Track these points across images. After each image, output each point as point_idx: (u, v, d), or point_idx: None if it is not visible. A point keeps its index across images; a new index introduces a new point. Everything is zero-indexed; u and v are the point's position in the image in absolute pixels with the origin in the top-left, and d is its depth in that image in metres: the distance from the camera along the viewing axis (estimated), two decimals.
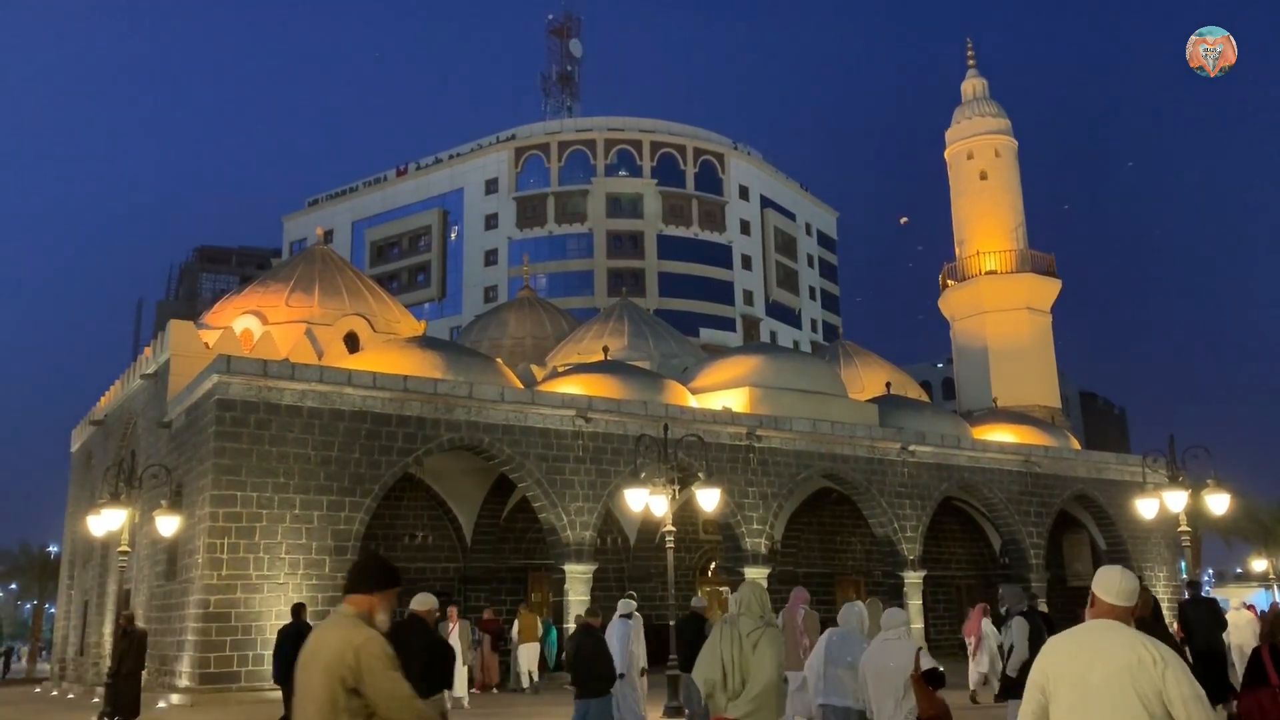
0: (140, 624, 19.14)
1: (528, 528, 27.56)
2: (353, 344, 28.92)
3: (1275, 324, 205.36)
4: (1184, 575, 30.80)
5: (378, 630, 4.22)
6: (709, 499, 19.11)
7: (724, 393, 29.01)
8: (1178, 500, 20.20)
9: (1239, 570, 57.75)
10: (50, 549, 53.04)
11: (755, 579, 25.86)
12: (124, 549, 19.19)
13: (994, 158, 46.83)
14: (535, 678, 22.78)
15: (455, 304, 67.13)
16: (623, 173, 66.96)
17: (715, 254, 67.31)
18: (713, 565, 30.52)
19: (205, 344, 25.18)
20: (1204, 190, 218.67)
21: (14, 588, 65.39)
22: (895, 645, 7.72)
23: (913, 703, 7.45)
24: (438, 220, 69.46)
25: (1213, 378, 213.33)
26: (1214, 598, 13.37)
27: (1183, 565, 32.83)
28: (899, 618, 7.98)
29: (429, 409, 22.32)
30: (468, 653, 20.03)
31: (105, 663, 18.96)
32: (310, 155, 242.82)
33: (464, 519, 28.12)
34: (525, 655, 22.92)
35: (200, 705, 18.58)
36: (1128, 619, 4.05)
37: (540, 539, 25.85)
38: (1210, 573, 57.63)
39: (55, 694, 28.24)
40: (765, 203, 71.84)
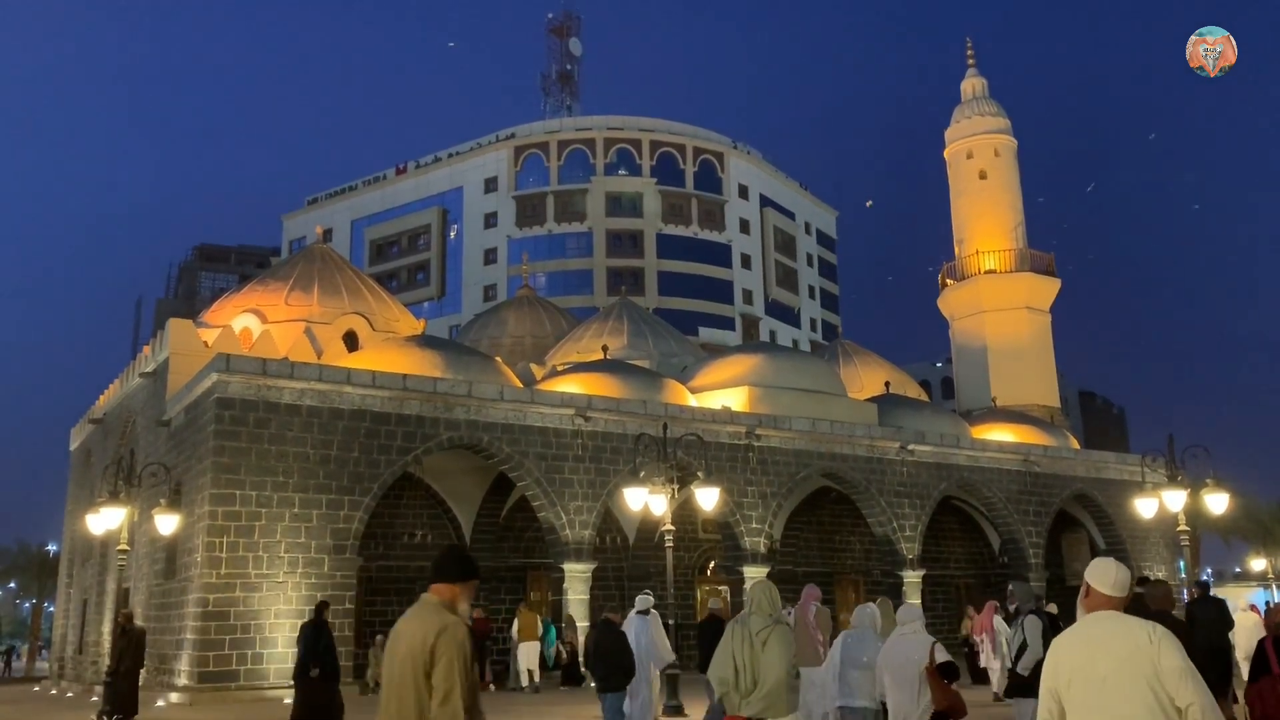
0: (139, 622, 19.18)
1: (527, 527, 27.56)
2: (352, 343, 28.91)
3: (1275, 324, 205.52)
4: (1183, 575, 30.80)
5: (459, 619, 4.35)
6: (708, 498, 19.13)
7: (723, 392, 29.01)
8: (1177, 500, 20.24)
9: (1238, 570, 57.77)
10: (49, 547, 53.04)
11: (759, 577, 25.88)
12: (123, 547, 19.22)
13: (993, 157, 46.82)
14: (535, 677, 22.76)
15: (454, 303, 67.08)
16: (622, 172, 66.91)
17: (715, 253, 67.27)
18: (711, 564, 30.51)
19: (204, 342, 25.18)
20: (1204, 190, 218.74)
21: (13, 586, 65.38)
22: (911, 640, 7.83)
23: (929, 696, 7.51)
24: (437, 219, 69.41)
25: (1212, 378, 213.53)
26: (1221, 598, 13.40)
27: (1181, 565, 32.82)
28: (914, 613, 8.09)
29: (428, 408, 22.32)
30: None
31: (104, 661, 18.97)
32: (310, 154, 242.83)
33: (463, 518, 28.12)
34: (525, 654, 22.89)
35: (199, 704, 18.59)
36: (1121, 609, 4.12)
37: (539, 538, 25.86)
38: (1209, 572, 57.59)
39: (54, 692, 28.22)
40: (765, 202, 71.78)
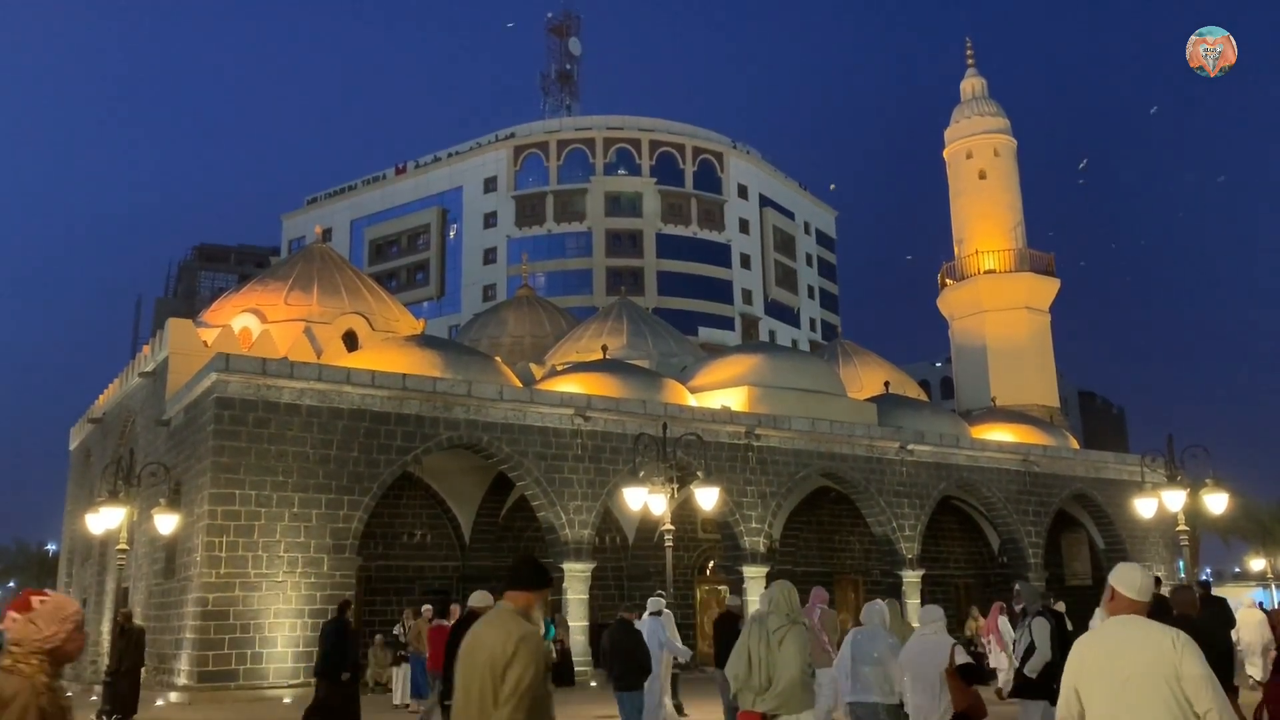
0: (138, 622, 19.18)
1: (526, 526, 27.57)
2: (351, 342, 28.92)
3: (1275, 324, 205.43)
4: (1182, 575, 30.82)
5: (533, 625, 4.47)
6: (707, 498, 19.14)
7: (723, 392, 29.01)
8: (1176, 499, 20.26)
9: (1237, 570, 57.81)
10: (49, 547, 53.11)
11: (759, 577, 25.89)
12: (122, 547, 19.21)
13: (993, 157, 46.82)
14: None
15: (454, 302, 67.07)
16: (622, 171, 66.89)
17: (714, 253, 67.25)
18: (711, 564, 30.51)
19: (204, 342, 25.18)
20: (1204, 190, 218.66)
21: (12, 585, 65.37)
22: (932, 641, 7.87)
23: (949, 697, 7.54)
24: (436, 219, 69.39)
25: (1212, 378, 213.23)
26: (1223, 598, 13.47)
27: (1180, 564, 32.83)
28: (935, 613, 8.11)
29: (428, 407, 22.32)
30: None
31: (103, 661, 18.96)
32: (309, 154, 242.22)
33: (463, 517, 28.12)
34: None
35: (198, 703, 18.59)
36: (1144, 614, 4.19)
37: (539, 537, 25.86)
38: (1208, 572, 57.61)
39: None
40: (764, 202, 71.76)
